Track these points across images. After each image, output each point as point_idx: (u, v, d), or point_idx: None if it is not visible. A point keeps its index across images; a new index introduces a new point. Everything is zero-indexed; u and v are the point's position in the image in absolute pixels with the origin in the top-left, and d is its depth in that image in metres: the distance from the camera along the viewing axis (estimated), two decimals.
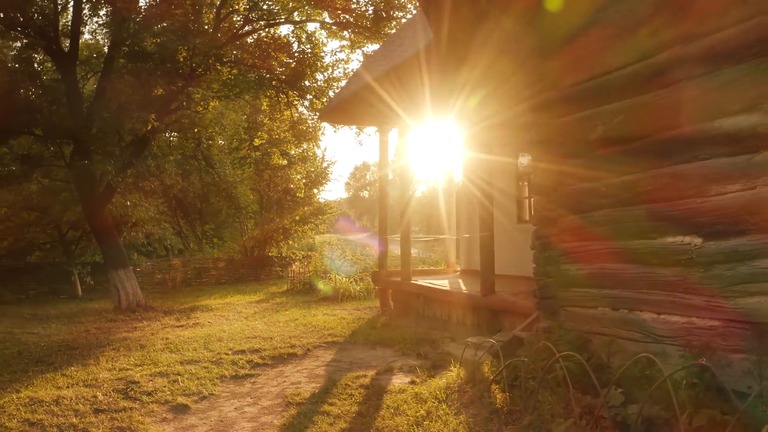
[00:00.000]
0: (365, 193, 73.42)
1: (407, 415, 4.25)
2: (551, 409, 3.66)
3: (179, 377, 5.56)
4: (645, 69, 4.55)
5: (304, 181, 19.59)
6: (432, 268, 12.02)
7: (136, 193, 11.97)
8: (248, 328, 8.66)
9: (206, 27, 10.87)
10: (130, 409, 4.65)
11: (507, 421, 3.87)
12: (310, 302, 12.23)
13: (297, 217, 19.08)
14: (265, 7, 11.25)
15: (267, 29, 12.63)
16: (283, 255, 19.52)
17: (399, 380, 5.41)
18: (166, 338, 7.97)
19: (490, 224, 7.69)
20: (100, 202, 11.42)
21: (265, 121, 14.27)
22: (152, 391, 5.10)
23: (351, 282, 12.75)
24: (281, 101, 13.61)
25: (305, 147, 17.15)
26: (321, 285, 13.37)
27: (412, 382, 5.27)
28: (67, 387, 5.37)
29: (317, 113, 13.81)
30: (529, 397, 3.89)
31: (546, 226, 5.27)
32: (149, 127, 10.40)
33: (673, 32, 4.31)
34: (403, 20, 12.88)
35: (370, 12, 12.53)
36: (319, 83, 13.03)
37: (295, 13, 12.59)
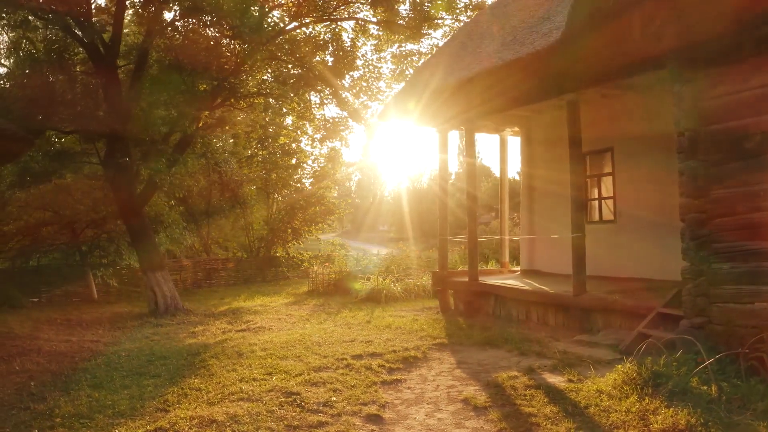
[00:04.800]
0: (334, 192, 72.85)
1: (618, 411, 4.35)
2: None
3: (334, 386, 5.40)
4: None
5: (311, 180, 19.31)
6: (487, 268, 12.17)
7: (180, 192, 11.39)
8: (330, 332, 8.49)
9: (255, 18, 10.49)
10: (326, 423, 4.46)
11: (730, 410, 4.06)
12: (354, 303, 12.08)
13: (306, 217, 18.76)
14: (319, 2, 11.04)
15: (303, 27, 12.34)
16: (291, 255, 19.14)
17: (554, 379, 5.49)
18: (255, 343, 7.67)
19: (581, 225, 7.94)
20: (140, 202, 10.80)
21: (293, 118, 13.97)
22: (325, 402, 4.93)
23: (391, 283, 12.68)
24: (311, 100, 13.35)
25: (332, 146, 16.91)
26: (356, 286, 13.24)
27: (570, 381, 5.37)
28: (219, 402, 5.05)
29: (347, 111, 13.65)
30: (753, 386, 4.10)
31: (698, 228, 5.51)
32: (201, 124, 9.95)
33: None
34: (443, 21, 12.95)
35: (409, 11, 12.51)
36: (356, 81, 12.90)
37: (332, 11, 12.37)
